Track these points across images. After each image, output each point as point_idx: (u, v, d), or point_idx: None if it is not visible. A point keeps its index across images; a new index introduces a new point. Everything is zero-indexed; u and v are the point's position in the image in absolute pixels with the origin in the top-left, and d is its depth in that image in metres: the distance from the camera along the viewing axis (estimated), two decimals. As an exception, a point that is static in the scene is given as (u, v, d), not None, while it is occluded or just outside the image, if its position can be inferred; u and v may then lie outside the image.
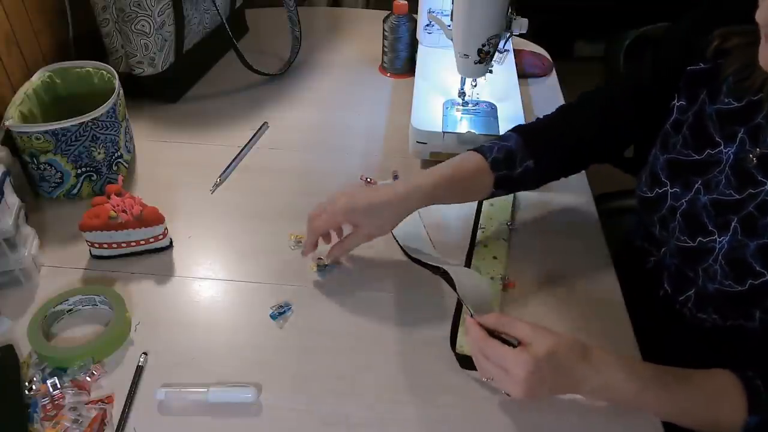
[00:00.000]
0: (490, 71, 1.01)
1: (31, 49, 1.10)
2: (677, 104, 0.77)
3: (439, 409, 0.72)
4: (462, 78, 1.04)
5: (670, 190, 0.78)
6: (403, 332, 0.80)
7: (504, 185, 0.85)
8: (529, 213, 0.98)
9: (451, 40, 0.98)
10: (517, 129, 0.88)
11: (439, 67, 1.18)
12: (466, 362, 0.74)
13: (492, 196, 0.86)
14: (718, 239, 0.72)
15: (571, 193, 1.02)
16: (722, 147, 0.72)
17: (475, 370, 0.72)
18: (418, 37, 1.25)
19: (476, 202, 0.97)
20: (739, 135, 0.70)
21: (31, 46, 1.10)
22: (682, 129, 0.77)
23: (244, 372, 0.75)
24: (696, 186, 0.75)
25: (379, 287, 0.86)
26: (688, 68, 0.75)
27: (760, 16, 0.58)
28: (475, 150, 0.85)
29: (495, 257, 0.88)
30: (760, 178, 0.68)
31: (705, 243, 0.73)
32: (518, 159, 0.84)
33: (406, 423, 0.71)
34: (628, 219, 1.12)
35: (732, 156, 0.71)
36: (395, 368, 0.76)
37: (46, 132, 0.88)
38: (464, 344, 0.76)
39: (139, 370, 0.74)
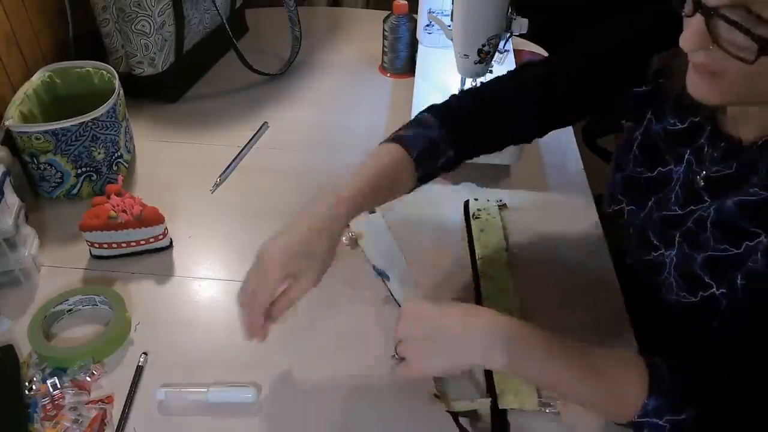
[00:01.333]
0: (490, 71, 1.01)
1: (31, 49, 1.10)
2: (626, 125, 0.79)
3: (439, 411, 0.72)
4: (462, 78, 1.04)
5: (626, 208, 0.79)
6: (403, 332, 0.80)
7: (426, 177, 0.78)
8: (530, 214, 0.98)
9: (451, 40, 0.98)
10: (436, 114, 0.80)
11: (439, 67, 1.18)
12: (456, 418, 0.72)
13: (409, 191, 0.78)
14: (665, 253, 0.73)
15: (571, 193, 1.02)
16: (672, 166, 0.73)
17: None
18: (418, 37, 1.25)
19: (465, 232, 0.94)
20: (686, 156, 0.71)
21: (31, 46, 1.10)
22: (633, 149, 0.78)
23: (244, 372, 0.75)
24: (650, 204, 0.76)
25: (379, 287, 0.86)
26: (635, 89, 0.76)
27: (682, 41, 0.57)
28: (394, 141, 0.75)
29: (504, 290, 0.85)
30: (706, 198, 0.69)
31: (656, 257, 0.75)
32: (440, 150, 0.77)
33: (406, 424, 0.71)
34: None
35: (681, 176, 0.72)
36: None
37: (46, 132, 0.88)
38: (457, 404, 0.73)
39: (139, 370, 0.74)
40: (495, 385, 0.73)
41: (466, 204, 0.98)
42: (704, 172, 0.69)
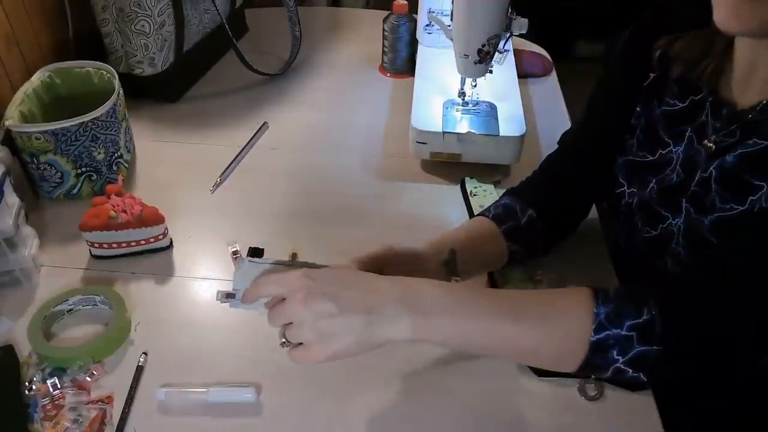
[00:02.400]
0: (490, 71, 1.01)
1: (31, 49, 1.10)
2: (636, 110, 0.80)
3: (438, 409, 0.72)
4: (462, 78, 1.04)
5: (627, 190, 0.80)
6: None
7: (515, 238, 0.81)
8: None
9: (451, 40, 0.98)
10: (506, 192, 0.88)
11: (439, 67, 1.18)
12: (540, 371, 0.73)
13: (511, 255, 0.81)
14: (673, 222, 0.74)
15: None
16: (672, 147, 0.75)
17: (556, 376, 0.72)
18: (418, 37, 1.25)
19: None
20: (687, 134, 0.73)
21: (31, 46, 1.10)
22: (636, 132, 0.79)
23: (244, 372, 0.75)
24: (651, 185, 0.77)
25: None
26: (644, 84, 0.77)
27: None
28: (474, 217, 0.84)
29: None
30: (710, 162, 0.69)
31: (665, 228, 0.75)
32: (518, 209, 0.82)
33: (406, 423, 0.71)
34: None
35: (681, 155, 0.73)
36: (395, 368, 0.76)
37: (46, 132, 0.88)
38: None
39: (139, 370, 0.74)
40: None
41: (463, 181, 1.02)
42: (711, 145, 0.69)
